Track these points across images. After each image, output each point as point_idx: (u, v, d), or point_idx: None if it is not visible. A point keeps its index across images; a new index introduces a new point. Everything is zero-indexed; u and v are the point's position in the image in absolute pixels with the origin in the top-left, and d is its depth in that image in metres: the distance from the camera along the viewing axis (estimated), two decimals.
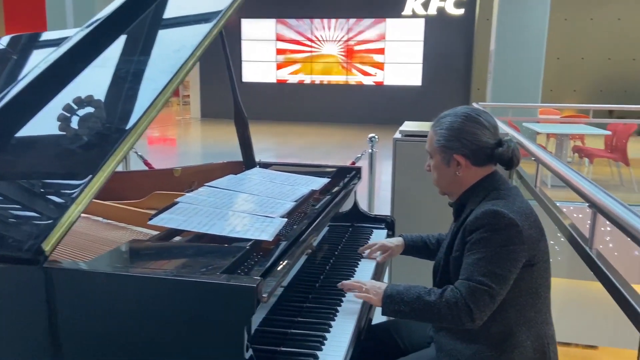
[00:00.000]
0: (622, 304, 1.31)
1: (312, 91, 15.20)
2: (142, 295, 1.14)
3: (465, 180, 1.58)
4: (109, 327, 1.18)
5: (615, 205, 1.41)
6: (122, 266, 1.28)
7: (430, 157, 1.66)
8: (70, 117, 1.55)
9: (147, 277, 1.15)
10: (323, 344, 1.40)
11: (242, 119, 2.50)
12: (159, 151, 10.45)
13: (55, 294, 1.19)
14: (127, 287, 1.16)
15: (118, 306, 1.17)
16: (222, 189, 1.88)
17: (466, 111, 1.58)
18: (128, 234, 1.79)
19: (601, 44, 13.01)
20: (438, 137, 1.59)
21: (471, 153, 1.54)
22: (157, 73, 1.67)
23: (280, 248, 1.47)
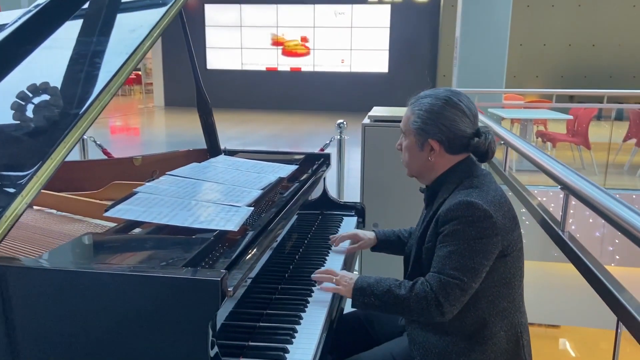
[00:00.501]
0: (595, 285, 1.30)
1: (278, 78, 15.04)
2: (98, 293, 1.06)
3: (437, 166, 1.53)
4: (62, 326, 1.09)
5: (589, 187, 1.39)
6: (75, 262, 1.19)
7: (403, 136, 1.58)
8: (26, 106, 1.44)
9: (103, 274, 1.06)
10: (293, 337, 1.34)
11: (205, 104, 2.40)
12: (121, 141, 10.15)
13: (2, 293, 1.09)
14: (81, 285, 1.07)
15: (72, 305, 1.08)
16: (184, 177, 1.80)
17: (448, 94, 1.51)
18: (84, 227, 1.68)
19: (562, 31, 13.27)
20: (415, 118, 1.52)
21: (447, 140, 1.48)
22: (111, 55, 1.57)
23: (246, 238, 1.41)
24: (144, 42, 1.56)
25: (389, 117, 2.84)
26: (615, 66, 13.18)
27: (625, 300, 1.18)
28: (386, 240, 1.92)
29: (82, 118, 1.31)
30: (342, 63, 14.79)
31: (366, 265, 2.80)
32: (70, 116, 1.32)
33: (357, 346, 1.75)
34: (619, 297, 1.21)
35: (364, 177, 2.83)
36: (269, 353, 1.26)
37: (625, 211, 1.23)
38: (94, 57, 1.60)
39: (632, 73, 13.18)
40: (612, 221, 1.28)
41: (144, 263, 1.16)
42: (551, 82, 13.38)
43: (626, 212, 1.22)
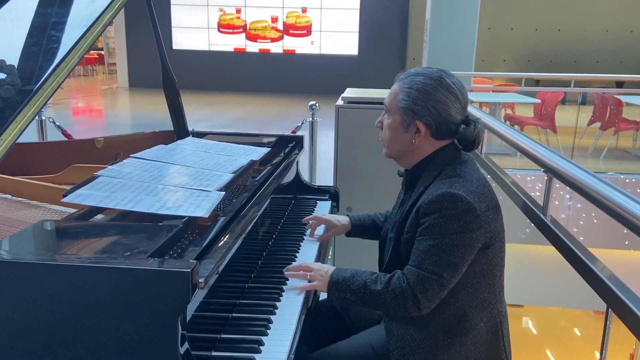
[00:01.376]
0: (581, 269, 1.28)
1: (247, 60, 14.77)
2: (55, 286, 0.96)
3: (419, 150, 1.45)
4: (14, 323, 1.00)
5: (575, 170, 1.36)
6: (30, 252, 1.08)
7: (386, 114, 1.48)
8: None
9: (59, 265, 0.97)
10: (268, 328, 1.28)
11: (172, 83, 2.28)
12: (83, 122, 9.80)
13: None
14: (36, 278, 0.97)
15: (25, 300, 0.98)
16: (150, 160, 1.69)
17: (441, 75, 1.41)
18: (41, 213, 1.57)
19: (529, 15, 13.42)
20: (404, 96, 1.41)
21: (435, 124, 1.40)
22: (69, 27, 1.45)
23: (218, 225, 1.33)
24: (104, 14, 1.45)
25: (363, 98, 2.78)
26: (580, 51, 13.45)
27: (613, 284, 1.16)
28: (361, 225, 1.86)
29: (36, 95, 1.20)
30: (311, 45, 14.62)
31: (340, 251, 2.75)
32: (23, 93, 1.21)
33: (334, 334, 1.70)
34: (607, 283, 1.18)
35: (338, 160, 2.76)
36: (242, 346, 1.19)
37: (614, 193, 1.20)
38: (51, 30, 1.47)
39: (595, 58, 13.47)
40: (600, 204, 1.26)
41: (106, 253, 1.07)
42: (518, 66, 13.56)
43: (615, 195, 1.19)
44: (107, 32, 18.19)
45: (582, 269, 1.28)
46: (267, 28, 14.68)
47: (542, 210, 1.49)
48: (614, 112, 7.10)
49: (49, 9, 1.59)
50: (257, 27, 14.69)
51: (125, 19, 14.54)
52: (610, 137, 7.30)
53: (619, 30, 13.39)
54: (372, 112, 2.67)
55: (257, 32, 14.70)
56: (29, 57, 1.41)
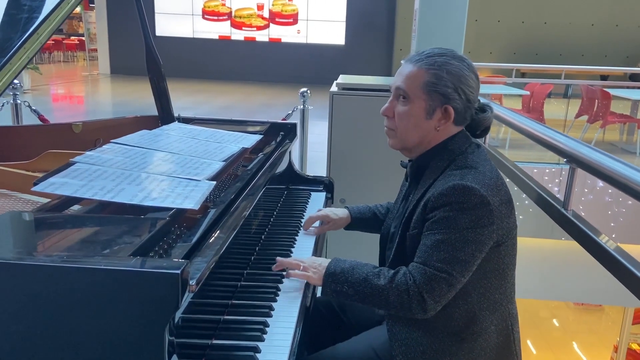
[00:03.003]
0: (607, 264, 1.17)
1: (232, 47, 14.51)
2: (25, 289, 0.83)
3: (435, 137, 1.32)
4: None
5: (604, 158, 1.25)
6: None
7: (400, 99, 1.32)
8: None
9: (28, 265, 0.83)
10: (265, 333, 1.16)
11: (156, 65, 2.13)
12: (63, 109, 9.51)
13: None
14: (2, 278, 0.83)
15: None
16: (132, 146, 1.55)
17: (464, 56, 1.30)
18: (11, 203, 1.42)
19: (516, 8, 13.40)
20: (432, 79, 1.26)
21: (462, 109, 1.28)
22: None
23: (208, 218, 1.20)
24: None
25: (358, 85, 2.65)
26: (565, 44, 13.48)
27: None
28: (361, 218, 1.74)
29: (3, 70, 1.05)
30: (297, 34, 14.42)
31: (333, 246, 2.63)
32: None
33: (331, 335, 1.58)
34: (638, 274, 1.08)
35: (331, 150, 2.64)
36: (237, 354, 1.07)
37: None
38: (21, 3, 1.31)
39: (580, 51, 13.52)
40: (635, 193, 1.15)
41: (82, 251, 0.93)
42: (504, 58, 13.54)
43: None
44: (88, 17, 17.73)
45: (612, 265, 1.18)
46: (253, 16, 14.43)
47: (563, 204, 1.38)
48: (601, 106, 7.09)
49: None
50: (242, 15, 14.43)
51: (107, 4, 14.15)
52: (598, 130, 7.30)
53: (604, 24, 13.44)
54: (368, 99, 2.55)
55: (242, 20, 14.44)
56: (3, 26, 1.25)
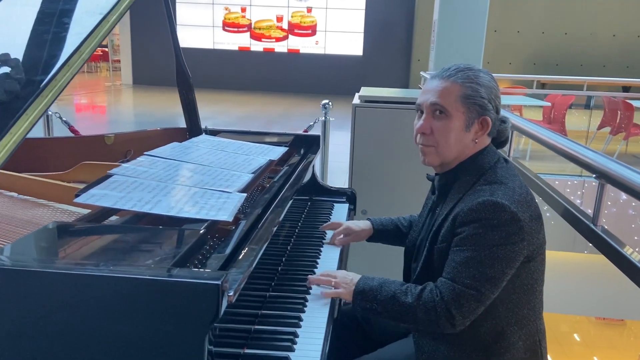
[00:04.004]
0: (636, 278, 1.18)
1: (251, 58, 14.68)
2: (71, 297, 0.87)
3: (470, 150, 1.34)
4: (26, 335, 0.90)
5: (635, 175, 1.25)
6: (41, 259, 0.99)
7: (437, 115, 1.32)
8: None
9: (76, 275, 0.87)
10: (295, 343, 1.18)
11: (186, 78, 2.19)
12: (87, 119, 9.71)
13: None
14: (47, 287, 0.88)
15: (35, 312, 0.88)
16: (165, 158, 1.60)
17: (486, 70, 1.35)
18: (50, 213, 1.47)
19: (536, 18, 13.35)
20: (467, 91, 1.29)
21: (494, 120, 1.32)
22: (83, 15, 1.35)
23: (240, 229, 1.23)
24: (120, 2, 1.35)
25: (380, 97, 2.68)
26: (586, 55, 13.36)
27: None
28: (383, 230, 1.75)
29: (49, 87, 1.10)
30: (316, 45, 14.54)
31: (354, 258, 2.64)
32: (34, 84, 1.11)
33: (356, 347, 1.60)
34: None
35: (353, 161, 2.67)
36: None
37: None
38: (63, 17, 1.38)
39: (602, 62, 13.39)
40: None
41: (125, 261, 0.97)
42: (524, 69, 13.48)
43: None
44: None
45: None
46: (272, 27, 14.59)
47: (592, 219, 1.39)
48: (624, 117, 7.01)
49: None
50: (262, 27, 14.61)
51: (130, 16, 14.44)
52: (621, 142, 7.21)
53: (626, 35, 13.31)
54: (390, 112, 2.58)
55: (261, 32, 14.61)
56: (40, 46, 1.31)
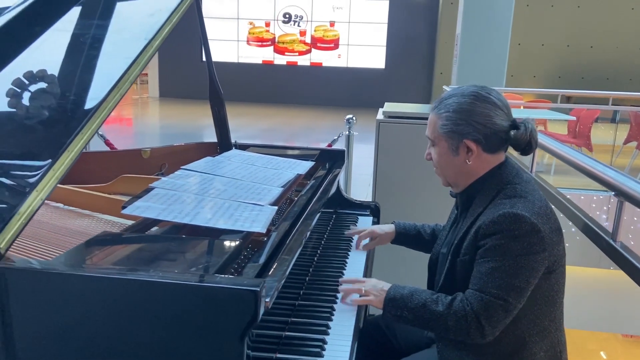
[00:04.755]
0: None
1: (275, 71, 14.89)
2: (121, 301, 0.96)
3: (474, 169, 1.41)
4: (77, 338, 0.99)
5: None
6: (94, 266, 1.08)
7: (431, 145, 1.46)
8: (22, 93, 1.33)
9: (127, 280, 0.96)
10: (324, 349, 1.25)
11: (218, 95, 2.30)
12: (114, 131, 9.97)
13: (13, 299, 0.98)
14: (101, 292, 0.97)
15: (91, 314, 0.97)
16: (200, 172, 1.69)
17: (475, 90, 1.40)
18: (94, 223, 1.57)
19: (561, 31, 13.26)
20: (444, 122, 1.39)
21: (484, 138, 1.36)
22: (129, 40, 1.46)
23: (273, 240, 1.31)
24: (164, 27, 1.46)
25: (404, 113, 2.75)
26: (613, 68, 13.20)
27: None
28: (405, 233, 1.83)
29: (101, 107, 1.20)
30: (338, 58, 14.68)
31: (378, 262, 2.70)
32: (87, 104, 1.22)
33: (379, 355, 1.66)
34: None
35: (377, 175, 2.73)
36: None
37: None
38: (109, 42, 1.49)
39: (628, 76, 13.20)
40: None
41: (171, 268, 1.06)
42: (549, 82, 13.37)
43: None
44: None
45: None
46: (296, 41, 14.80)
47: (612, 235, 1.43)
48: None
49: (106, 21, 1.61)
50: (285, 41, 14.82)
51: None
52: None
53: None
54: (413, 127, 2.64)
55: (285, 46, 14.83)
56: (90, 69, 1.42)
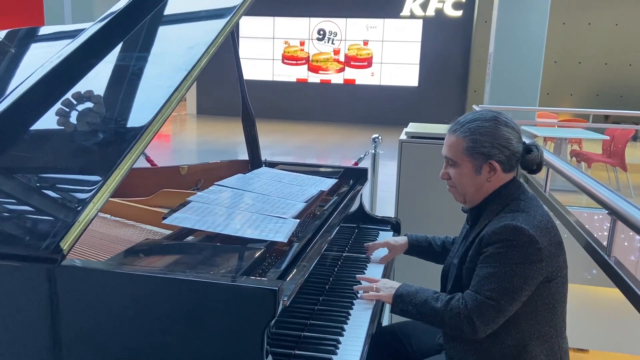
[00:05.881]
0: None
1: (308, 89, 15.18)
2: (163, 297, 1.13)
3: (490, 187, 1.53)
4: (126, 327, 1.16)
5: (637, 212, 1.40)
6: (141, 266, 1.26)
7: (450, 165, 1.58)
8: (70, 112, 1.53)
9: (168, 279, 1.13)
10: (337, 348, 1.39)
11: (250, 117, 2.48)
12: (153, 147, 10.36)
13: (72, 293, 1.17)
14: (147, 288, 1.14)
15: (137, 307, 1.15)
16: (232, 188, 1.87)
17: (494, 115, 1.53)
18: (137, 232, 1.77)
19: (598, 49, 13.09)
20: (469, 143, 1.51)
21: (506, 159, 1.49)
22: (171, 70, 1.65)
23: (294, 249, 1.46)
24: (202, 58, 1.65)
25: (425, 133, 2.88)
26: None
27: None
28: (417, 245, 1.98)
29: (146, 131, 1.39)
30: (371, 76, 14.86)
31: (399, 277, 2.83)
32: (134, 129, 1.41)
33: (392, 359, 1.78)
34: None
35: (399, 192, 2.86)
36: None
37: None
38: (154, 73, 1.69)
39: None
40: None
41: (205, 270, 1.23)
42: (586, 100, 13.19)
43: None
44: None
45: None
46: (329, 60, 15.07)
47: (606, 251, 1.52)
48: None
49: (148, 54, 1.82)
50: (319, 59, 15.12)
51: None
52: None
53: None
54: (433, 147, 2.77)
55: (319, 64, 15.12)
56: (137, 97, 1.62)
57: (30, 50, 2.18)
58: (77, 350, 1.18)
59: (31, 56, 2.11)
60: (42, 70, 1.58)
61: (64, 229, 1.15)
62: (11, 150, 1.38)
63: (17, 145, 1.40)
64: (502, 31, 8.72)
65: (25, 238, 1.19)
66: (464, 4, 13.87)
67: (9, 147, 1.38)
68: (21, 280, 1.17)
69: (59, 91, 1.53)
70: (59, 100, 1.51)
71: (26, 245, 1.16)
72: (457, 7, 13.97)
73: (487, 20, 12.01)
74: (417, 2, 14.13)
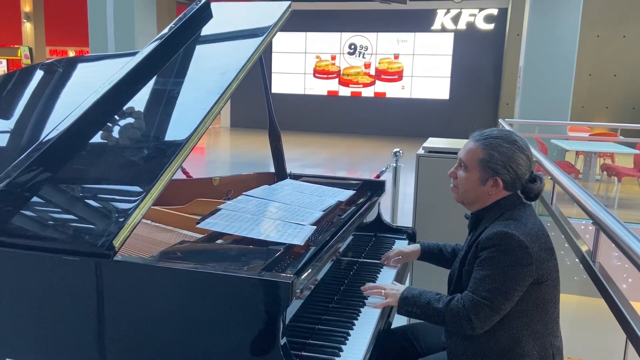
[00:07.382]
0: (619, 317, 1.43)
1: (339, 102, 15.43)
2: (197, 287, 1.35)
3: (490, 198, 1.69)
4: (165, 312, 1.38)
5: (614, 222, 1.54)
6: (181, 262, 1.49)
7: (461, 167, 1.72)
8: (112, 127, 1.79)
9: (202, 272, 1.35)
10: (347, 339, 1.58)
11: (275, 132, 2.70)
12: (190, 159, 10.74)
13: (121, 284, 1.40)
14: (183, 280, 1.36)
15: (174, 296, 1.37)
16: (258, 197, 2.08)
17: (517, 139, 1.67)
18: (175, 236, 2.00)
19: (634, 62, 12.90)
20: (485, 156, 1.64)
21: (510, 180, 1.65)
22: (205, 94, 1.89)
23: (310, 252, 1.66)
24: (232, 83, 1.88)
25: (442, 148, 3.04)
26: None
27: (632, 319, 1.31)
28: (429, 252, 2.15)
29: (184, 148, 1.62)
30: (402, 89, 15.00)
31: (416, 280, 3.01)
32: (174, 145, 1.64)
33: (403, 358, 1.95)
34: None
35: (417, 204, 3.03)
36: (326, 350, 1.50)
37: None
38: (191, 96, 1.93)
39: None
40: (631, 259, 1.42)
41: (233, 267, 1.44)
42: (621, 113, 12.99)
43: None
44: None
45: (620, 318, 1.42)
46: (360, 74, 15.31)
47: (592, 257, 1.65)
48: None
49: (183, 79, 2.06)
50: (350, 73, 15.38)
51: None
52: None
53: None
54: (451, 162, 2.92)
55: (350, 78, 15.38)
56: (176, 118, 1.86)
57: (77, 70, 2.46)
58: (121, 331, 1.41)
59: (78, 76, 2.38)
60: (96, 95, 1.84)
61: (116, 229, 1.38)
62: (73, 164, 1.64)
63: (78, 159, 1.66)
64: (532, 45, 8.73)
65: (85, 237, 1.43)
66: (496, 17, 13.91)
67: (71, 160, 1.64)
68: (79, 272, 1.41)
69: (111, 112, 1.79)
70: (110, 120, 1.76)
71: (85, 242, 1.40)
72: (489, 21, 14.02)
73: (520, 33, 12.02)
74: (448, 16, 14.24)
